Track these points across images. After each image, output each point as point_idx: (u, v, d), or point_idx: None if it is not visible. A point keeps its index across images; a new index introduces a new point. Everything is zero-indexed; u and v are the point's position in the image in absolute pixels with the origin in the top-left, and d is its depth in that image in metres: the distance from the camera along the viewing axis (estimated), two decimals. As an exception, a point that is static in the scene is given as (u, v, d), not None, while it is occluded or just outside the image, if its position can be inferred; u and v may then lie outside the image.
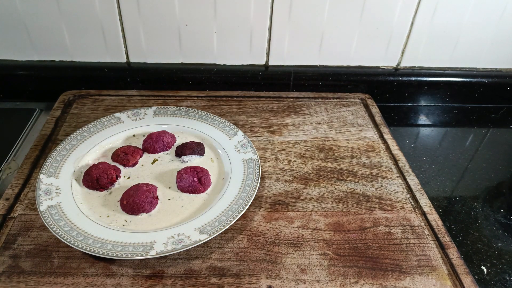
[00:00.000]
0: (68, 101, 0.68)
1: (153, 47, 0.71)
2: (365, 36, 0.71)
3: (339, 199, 0.53)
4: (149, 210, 0.48)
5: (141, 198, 0.48)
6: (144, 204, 0.48)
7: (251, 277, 0.43)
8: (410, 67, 0.76)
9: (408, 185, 0.55)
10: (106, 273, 0.42)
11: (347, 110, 0.70)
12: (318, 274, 0.43)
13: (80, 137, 0.57)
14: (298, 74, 0.74)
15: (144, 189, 0.49)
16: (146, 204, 0.48)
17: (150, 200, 0.48)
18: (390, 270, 0.44)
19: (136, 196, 0.48)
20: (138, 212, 0.48)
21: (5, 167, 0.57)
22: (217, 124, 0.62)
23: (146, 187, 0.49)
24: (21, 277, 0.41)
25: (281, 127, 0.65)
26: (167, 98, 0.70)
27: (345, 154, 0.60)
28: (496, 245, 0.51)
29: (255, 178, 0.52)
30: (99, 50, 0.70)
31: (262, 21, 0.68)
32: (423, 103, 0.79)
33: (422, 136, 0.71)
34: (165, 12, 0.66)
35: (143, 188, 0.49)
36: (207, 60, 0.73)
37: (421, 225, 0.50)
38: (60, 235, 0.43)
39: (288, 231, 0.48)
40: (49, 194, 0.48)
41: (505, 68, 0.78)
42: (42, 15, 0.65)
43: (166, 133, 0.58)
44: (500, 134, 0.72)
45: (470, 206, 0.57)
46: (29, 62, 0.71)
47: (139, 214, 0.48)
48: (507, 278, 0.46)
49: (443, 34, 0.72)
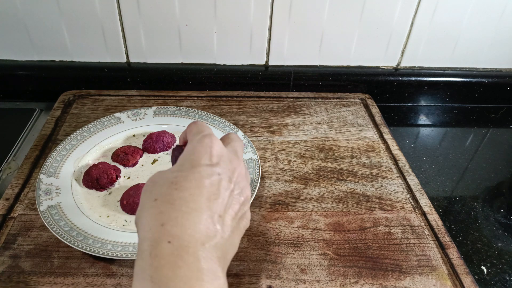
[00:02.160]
0: (68, 101, 0.68)
1: (153, 47, 0.71)
2: (365, 36, 0.71)
3: (339, 199, 0.53)
4: None
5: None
6: None
7: (251, 277, 0.43)
8: (410, 67, 0.76)
9: (408, 185, 0.56)
10: (106, 273, 0.42)
11: (347, 110, 0.70)
12: (318, 274, 0.43)
13: (80, 137, 0.57)
14: (298, 74, 0.74)
15: None
16: None
17: None
18: (390, 270, 0.44)
19: (136, 196, 0.48)
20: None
21: (5, 167, 0.57)
22: (217, 124, 0.62)
23: None
24: (21, 277, 0.41)
25: (281, 127, 0.65)
26: (167, 98, 0.70)
27: (345, 154, 0.60)
28: (496, 245, 0.51)
29: (255, 178, 0.52)
30: (99, 50, 0.70)
31: (262, 21, 0.68)
32: (423, 103, 0.79)
33: (422, 136, 0.71)
34: (165, 12, 0.66)
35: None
36: (207, 60, 0.73)
37: (421, 225, 0.50)
38: (60, 235, 0.43)
39: (288, 231, 0.48)
40: (49, 194, 0.48)
41: (505, 68, 0.78)
42: (42, 15, 0.65)
43: (166, 133, 0.58)
44: (500, 134, 0.72)
45: (470, 206, 0.57)
46: (29, 62, 0.71)
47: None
48: (507, 278, 0.46)
49: (443, 34, 0.72)
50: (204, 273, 0.26)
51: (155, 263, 0.25)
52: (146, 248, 0.26)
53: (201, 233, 0.27)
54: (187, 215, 0.27)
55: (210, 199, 0.29)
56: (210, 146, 0.31)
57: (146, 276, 0.25)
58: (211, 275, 0.26)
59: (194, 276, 0.25)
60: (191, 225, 0.27)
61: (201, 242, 0.27)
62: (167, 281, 0.24)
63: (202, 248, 0.26)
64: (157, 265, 0.25)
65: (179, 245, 0.26)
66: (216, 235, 0.28)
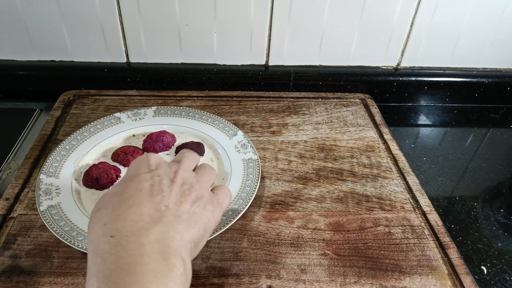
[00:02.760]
0: (68, 101, 0.68)
1: (153, 47, 0.71)
2: (365, 36, 0.71)
3: (339, 199, 0.53)
4: None
5: None
6: None
7: (251, 277, 0.43)
8: (410, 67, 0.76)
9: (408, 185, 0.56)
10: (106, 273, 0.42)
11: (347, 110, 0.70)
12: (318, 274, 0.43)
13: (80, 137, 0.57)
14: (298, 74, 0.74)
15: None
16: None
17: None
18: (390, 270, 0.44)
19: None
20: None
21: (5, 167, 0.57)
22: (217, 124, 0.62)
23: None
24: (21, 277, 0.41)
25: (281, 127, 0.65)
26: (167, 98, 0.70)
27: (345, 154, 0.60)
28: (496, 245, 0.51)
29: (255, 178, 0.52)
30: (99, 50, 0.70)
31: (262, 21, 0.68)
32: (423, 103, 0.79)
33: (422, 136, 0.71)
34: (165, 12, 0.66)
35: None
36: (207, 60, 0.73)
37: (421, 225, 0.50)
38: (60, 235, 0.43)
39: (288, 231, 0.48)
40: (49, 194, 0.48)
41: (505, 68, 0.78)
42: (42, 15, 0.65)
43: (166, 133, 0.58)
44: (500, 134, 0.72)
45: (470, 206, 0.57)
46: (29, 62, 0.71)
47: None
48: (507, 278, 0.46)
49: (443, 34, 0.72)
50: (148, 256, 0.26)
51: (98, 260, 0.26)
52: (90, 249, 0.27)
53: (143, 221, 0.28)
54: (127, 210, 0.28)
55: (151, 194, 0.30)
56: (146, 159, 0.35)
57: (91, 275, 0.25)
58: (157, 256, 0.26)
59: (137, 260, 0.25)
60: (132, 218, 0.28)
61: (145, 229, 0.27)
62: (109, 273, 0.24)
63: (146, 233, 0.27)
64: (100, 261, 0.25)
65: (120, 237, 0.26)
66: (164, 220, 0.29)
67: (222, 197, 0.38)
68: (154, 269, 0.25)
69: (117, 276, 0.24)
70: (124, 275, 0.24)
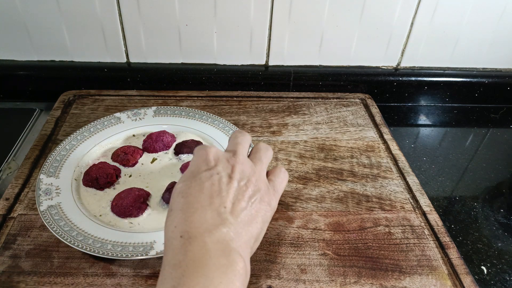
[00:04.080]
0: (68, 101, 0.68)
1: (153, 47, 0.71)
2: (365, 36, 0.71)
3: (339, 199, 0.53)
4: (136, 215, 0.47)
5: (130, 202, 0.47)
6: (131, 209, 0.47)
7: (251, 277, 0.42)
8: (410, 67, 0.76)
9: (408, 185, 0.56)
10: (106, 273, 0.42)
11: (347, 110, 0.70)
12: (318, 274, 0.43)
13: (80, 137, 0.57)
14: (298, 74, 0.74)
15: (136, 194, 0.48)
16: (134, 209, 0.47)
17: (139, 205, 0.47)
18: (390, 270, 0.44)
19: (126, 199, 0.47)
20: (125, 216, 0.47)
21: (5, 167, 0.57)
22: (217, 124, 0.62)
23: (139, 192, 0.48)
24: (21, 277, 0.41)
25: (281, 127, 0.65)
26: (167, 98, 0.70)
27: (345, 154, 0.60)
28: (496, 245, 0.51)
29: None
30: (99, 50, 0.70)
31: (262, 21, 0.68)
32: (423, 103, 0.79)
33: (422, 136, 0.71)
34: (165, 12, 0.66)
35: (135, 193, 0.48)
36: (207, 60, 0.73)
37: (421, 225, 0.50)
38: (60, 235, 0.43)
39: (288, 231, 0.48)
40: (49, 194, 0.48)
41: (505, 68, 0.78)
42: (42, 15, 0.65)
43: (166, 133, 0.58)
44: (500, 134, 0.72)
45: (470, 206, 0.57)
46: (29, 62, 0.71)
47: (125, 218, 0.47)
48: (507, 278, 0.46)
49: (443, 34, 0.72)
50: (211, 252, 0.30)
51: (170, 253, 0.31)
52: (165, 244, 0.33)
53: (207, 224, 0.32)
54: (193, 214, 0.33)
55: (212, 196, 0.34)
56: (205, 154, 0.37)
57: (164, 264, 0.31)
58: (219, 253, 0.31)
59: (202, 255, 0.30)
60: (197, 221, 0.32)
61: (208, 231, 0.32)
62: (179, 263, 0.30)
63: (209, 235, 0.31)
64: (172, 253, 0.31)
65: (188, 237, 0.31)
66: (225, 222, 0.32)
67: (278, 183, 0.40)
68: (216, 263, 0.30)
69: (186, 265, 0.30)
70: (191, 265, 0.30)
